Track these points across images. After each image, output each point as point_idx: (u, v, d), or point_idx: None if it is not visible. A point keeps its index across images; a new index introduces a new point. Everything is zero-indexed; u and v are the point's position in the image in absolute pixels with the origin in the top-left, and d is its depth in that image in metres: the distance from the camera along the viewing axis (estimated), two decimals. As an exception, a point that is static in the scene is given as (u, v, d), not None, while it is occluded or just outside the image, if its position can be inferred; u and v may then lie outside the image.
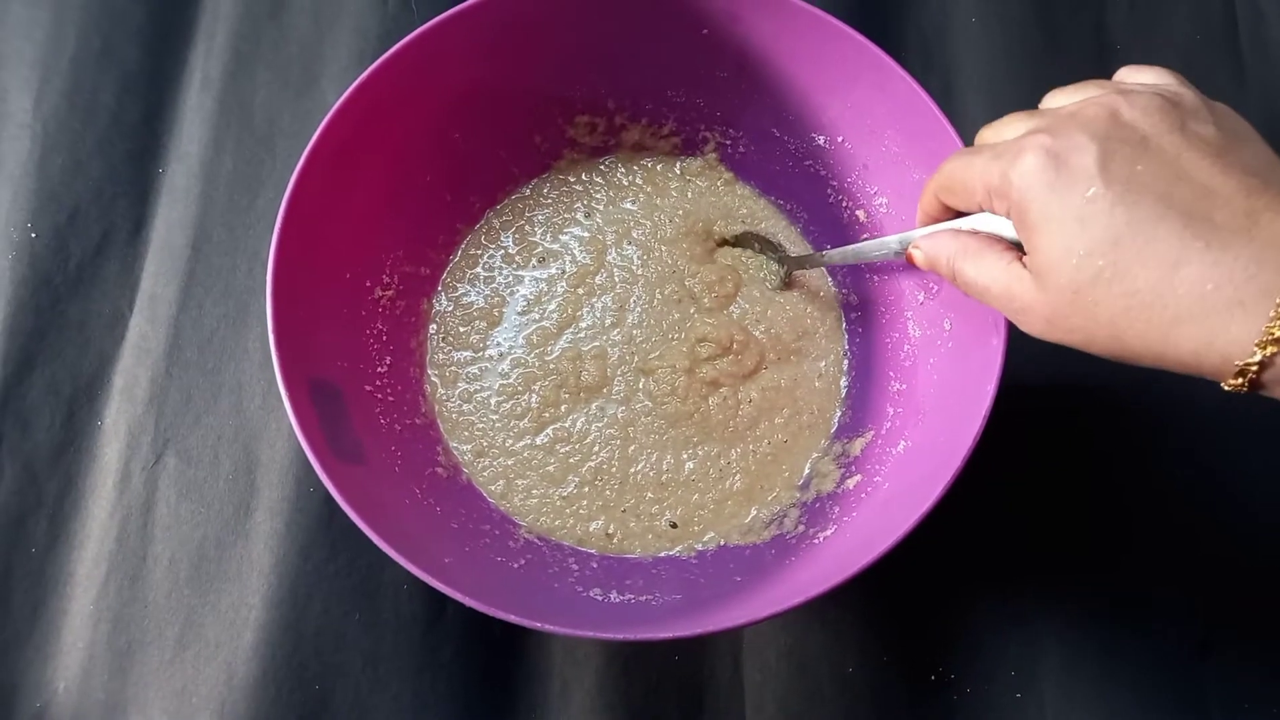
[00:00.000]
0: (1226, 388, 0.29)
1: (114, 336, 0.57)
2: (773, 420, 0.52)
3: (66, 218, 0.58)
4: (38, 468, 0.54)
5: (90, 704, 0.51)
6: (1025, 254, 0.33)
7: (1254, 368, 0.28)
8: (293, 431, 0.54)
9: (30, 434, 0.54)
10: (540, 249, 0.55)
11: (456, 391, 0.53)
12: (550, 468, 0.51)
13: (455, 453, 0.52)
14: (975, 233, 0.37)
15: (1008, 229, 0.35)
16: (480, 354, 0.54)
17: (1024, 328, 0.34)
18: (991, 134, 0.36)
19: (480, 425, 0.52)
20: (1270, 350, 0.27)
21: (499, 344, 0.54)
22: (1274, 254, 0.27)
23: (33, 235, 0.57)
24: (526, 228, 0.56)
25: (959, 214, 0.39)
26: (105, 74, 0.60)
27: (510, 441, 0.52)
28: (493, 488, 0.51)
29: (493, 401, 0.53)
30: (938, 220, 0.40)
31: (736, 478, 0.51)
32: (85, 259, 0.57)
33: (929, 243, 0.39)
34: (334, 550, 0.52)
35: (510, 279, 0.55)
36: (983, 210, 0.36)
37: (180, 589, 0.52)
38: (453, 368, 0.53)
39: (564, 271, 0.55)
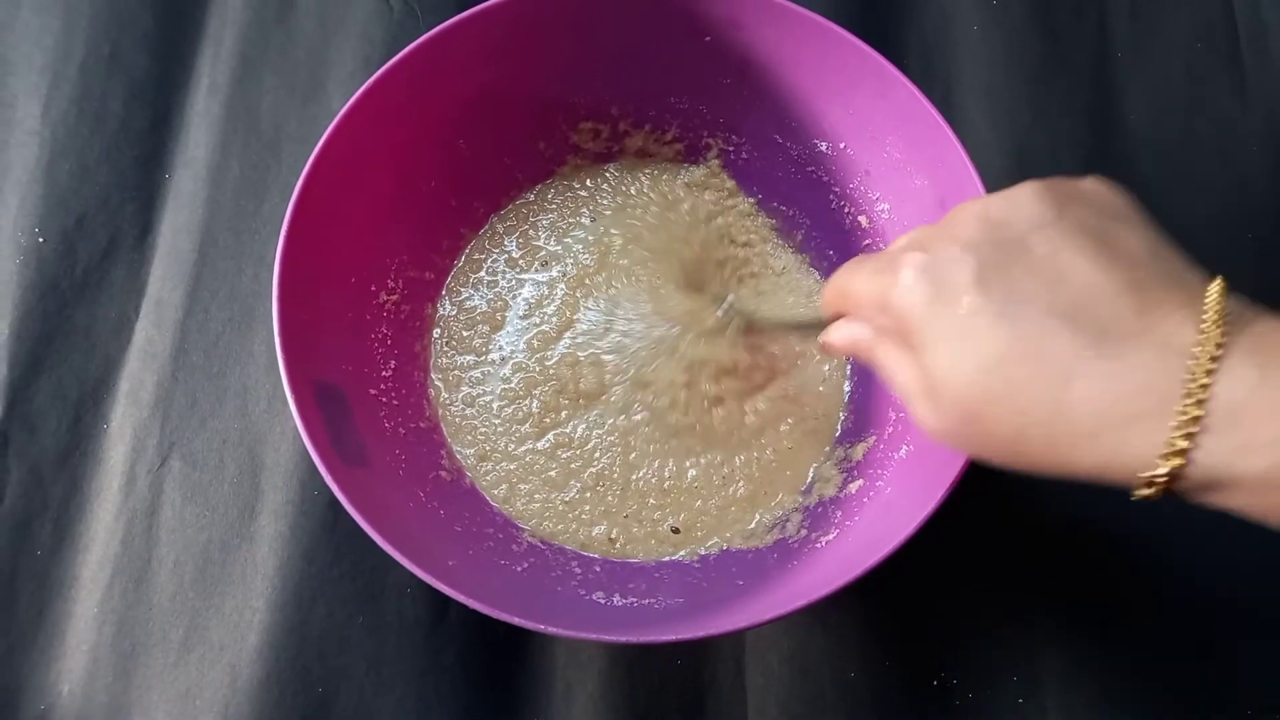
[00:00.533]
0: (1135, 498, 0.28)
1: (120, 341, 0.57)
2: (778, 428, 0.52)
3: (74, 223, 0.58)
4: (44, 471, 0.54)
5: (94, 707, 0.51)
6: None
7: (1162, 479, 0.26)
8: (297, 435, 0.54)
9: (37, 437, 0.55)
10: (543, 253, 0.56)
11: (459, 395, 0.53)
12: (552, 473, 0.51)
13: (458, 456, 0.52)
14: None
15: None
16: (483, 358, 0.54)
17: (922, 429, 0.32)
18: (888, 248, 0.35)
19: (483, 429, 0.53)
20: (1175, 462, 0.26)
21: (501, 348, 0.54)
22: (1165, 360, 0.26)
23: (40, 240, 0.58)
24: (530, 232, 0.56)
25: None
26: (113, 80, 0.61)
27: (512, 446, 0.52)
28: (495, 492, 0.51)
29: (495, 406, 0.53)
30: None
31: (740, 484, 0.51)
32: (92, 264, 0.58)
33: (847, 327, 0.37)
34: (338, 553, 0.52)
35: (513, 282, 0.55)
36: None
37: (184, 592, 0.52)
38: (456, 372, 0.54)
39: (564, 274, 0.55)
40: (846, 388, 0.53)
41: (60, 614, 0.52)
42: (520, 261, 0.55)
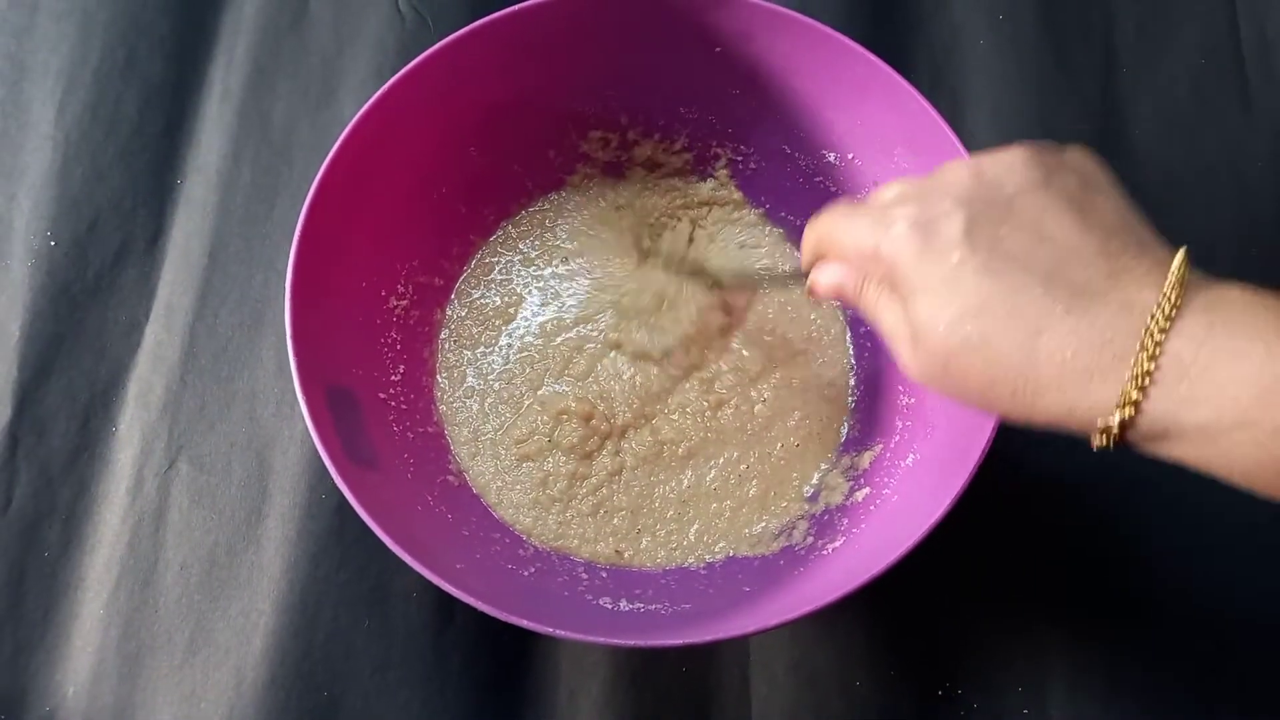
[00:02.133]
0: (1094, 447, 0.30)
1: (130, 344, 0.57)
2: (786, 423, 0.53)
3: (86, 227, 0.59)
4: (53, 473, 0.54)
5: (99, 708, 0.51)
6: None
7: (1114, 429, 0.28)
8: (305, 439, 0.54)
9: (46, 439, 0.55)
10: (563, 251, 0.56)
11: (466, 397, 0.53)
12: (556, 493, 0.51)
13: (461, 461, 0.52)
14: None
15: None
16: (492, 349, 0.55)
17: (904, 372, 0.34)
18: (873, 198, 0.36)
19: (487, 434, 0.53)
20: (1127, 412, 0.28)
21: (511, 338, 0.55)
22: (1127, 318, 0.28)
23: (52, 244, 0.58)
24: (548, 236, 0.56)
25: None
26: (128, 86, 0.61)
27: (513, 464, 0.52)
28: (502, 512, 0.51)
29: (501, 408, 0.53)
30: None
31: (753, 482, 0.51)
32: (103, 268, 0.58)
33: (834, 272, 0.37)
34: (345, 557, 0.52)
35: (528, 279, 0.56)
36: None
37: (191, 594, 0.52)
38: (462, 368, 0.54)
39: (589, 270, 0.56)
40: (852, 396, 0.53)
41: (67, 615, 0.52)
42: (537, 260, 0.56)
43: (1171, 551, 0.53)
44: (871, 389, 0.52)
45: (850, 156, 0.50)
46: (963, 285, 0.30)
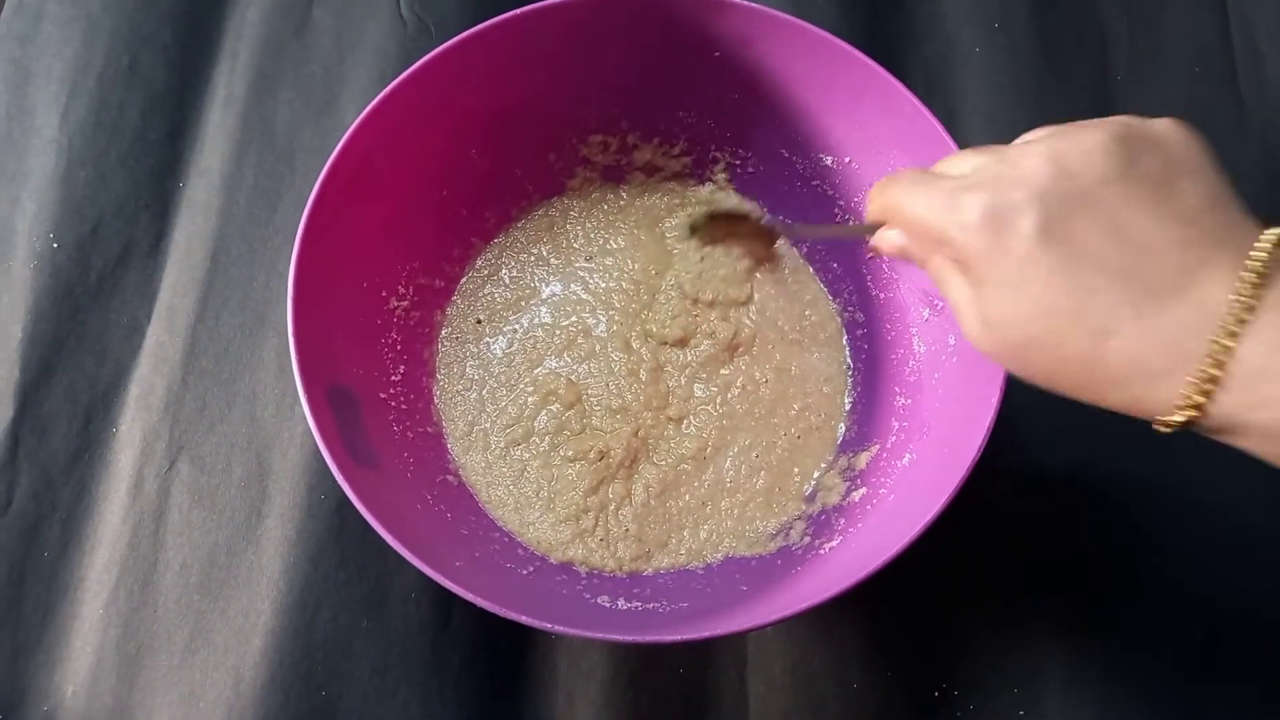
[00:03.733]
0: (1157, 431, 0.30)
1: (131, 346, 0.58)
2: (788, 412, 0.53)
3: (89, 230, 0.59)
4: (53, 474, 0.55)
5: (98, 708, 0.51)
6: None
7: (1179, 423, 0.29)
8: (305, 440, 0.55)
9: (47, 440, 0.55)
10: (583, 254, 0.57)
11: (466, 397, 0.54)
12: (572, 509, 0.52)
13: (460, 465, 0.52)
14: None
15: None
16: (493, 344, 0.55)
17: (967, 340, 0.34)
18: (944, 169, 0.35)
19: (492, 441, 0.53)
20: (1191, 413, 0.28)
21: (517, 331, 0.56)
22: (1198, 319, 0.28)
23: (55, 246, 0.59)
24: (562, 239, 0.57)
25: None
26: (132, 91, 0.62)
27: (515, 470, 0.53)
28: (499, 512, 0.52)
29: (503, 404, 0.53)
30: None
31: (761, 475, 0.52)
32: (106, 270, 0.59)
33: (899, 237, 0.36)
34: (344, 558, 0.52)
35: (540, 277, 0.56)
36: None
37: (190, 594, 0.53)
38: (460, 363, 0.55)
39: (617, 266, 0.56)
40: (850, 397, 0.54)
41: (66, 616, 0.53)
42: (550, 259, 0.57)
43: (1167, 552, 0.53)
44: (869, 390, 0.53)
45: (847, 160, 0.51)
46: (1033, 284, 0.30)
